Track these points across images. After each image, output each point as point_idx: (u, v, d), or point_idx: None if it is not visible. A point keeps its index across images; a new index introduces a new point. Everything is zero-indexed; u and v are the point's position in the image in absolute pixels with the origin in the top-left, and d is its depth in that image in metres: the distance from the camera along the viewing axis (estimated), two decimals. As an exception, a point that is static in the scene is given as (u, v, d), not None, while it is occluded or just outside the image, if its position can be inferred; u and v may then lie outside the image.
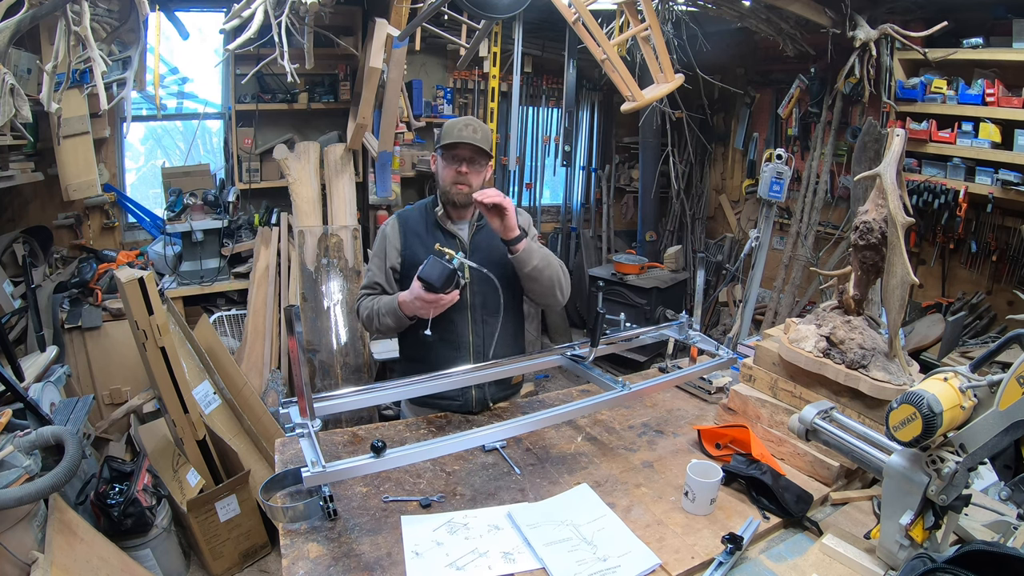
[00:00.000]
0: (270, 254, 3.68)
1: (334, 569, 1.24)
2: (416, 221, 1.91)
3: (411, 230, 1.90)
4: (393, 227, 1.92)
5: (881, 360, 1.51)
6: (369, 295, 1.92)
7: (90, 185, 3.26)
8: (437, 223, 1.87)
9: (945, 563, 1.00)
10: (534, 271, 1.78)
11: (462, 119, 1.83)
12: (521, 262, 1.77)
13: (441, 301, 1.69)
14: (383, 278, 1.91)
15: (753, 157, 5.14)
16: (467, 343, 1.86)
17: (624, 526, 1.37)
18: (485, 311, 1.86)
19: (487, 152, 1.82)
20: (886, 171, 1.46)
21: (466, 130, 1.79)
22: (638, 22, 2.40)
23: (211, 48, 4.10)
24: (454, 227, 1.88)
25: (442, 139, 1.83)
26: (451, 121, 1.84)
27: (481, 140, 1.79)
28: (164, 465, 2.70)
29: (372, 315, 1.86)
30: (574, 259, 5.50)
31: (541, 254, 1.81)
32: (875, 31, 3.50)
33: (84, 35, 2.10)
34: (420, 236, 1.88)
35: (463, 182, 1.81)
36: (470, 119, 1.83)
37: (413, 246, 1.87)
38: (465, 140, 1.77)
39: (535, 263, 1.77)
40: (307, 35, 2.94)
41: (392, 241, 1.90)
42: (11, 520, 1.72)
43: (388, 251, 1.90)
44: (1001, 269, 3.60)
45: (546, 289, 1.83)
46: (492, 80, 4.65)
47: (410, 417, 1.93)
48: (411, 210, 1.98)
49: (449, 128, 1.82)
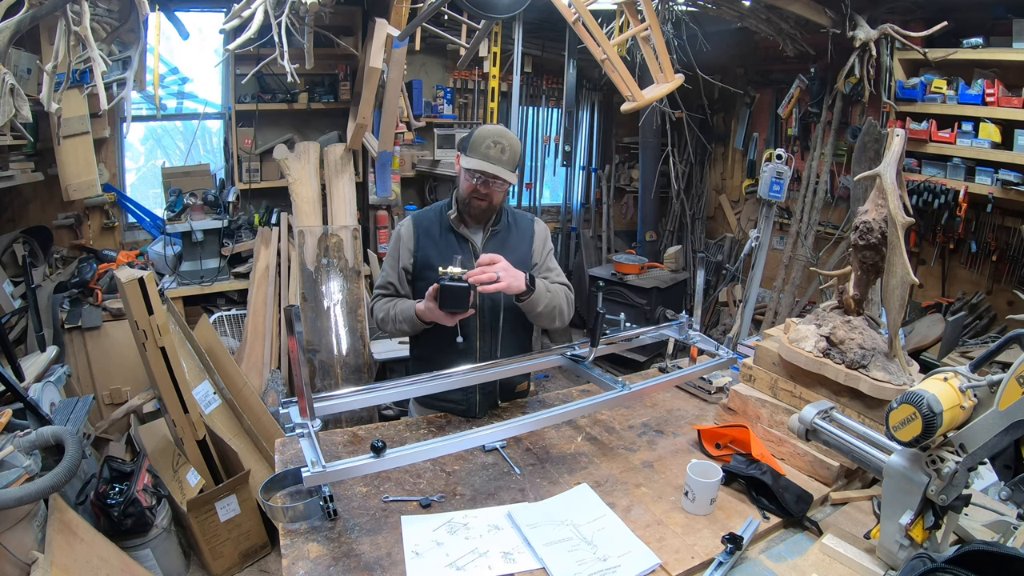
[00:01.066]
0: (270, 254, 3.68)
1: (334, 569, 1.24)
2: (431, 223, 1.90)
3: (425, 232, 1.89)
4: (407, 228, 1.91)
5: (881, 360, 1.50)
6: (383, 295, 1.93)
7: (90, 185, 3.26)
8: (451, 227, 1.87)
9: (945, 563, 1.00)
10: (537, 315, 1.82)
11: (493, 131, 1.74)
12: (525, 308, 1.80)
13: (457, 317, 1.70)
14: (396, 278, 1.91)
15: (753, 157, 5.14)
16: (474, 347, 1.87)
17: (624, 526, 1.37)
18: (493, 315, 1.86)
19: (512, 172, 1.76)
20: (886, 171, 1.46)
21: (494, 149, 1.71)
22: (638, 22, 2.40)
23: (211, 48, 4.10)
24: (467, 231, 1.87)
25: (469, 151, 1.74)
26: (482, 131, 1.75)
27: (507, 162, 1.73)
28: (164, 465, 2.70)
29: (388, 318, 1.86)
30: (574, 259, 5.50)
31: (547, 299, 1.80)
32: (875, 31, 3.50)
33: (84, 35, 2.10)
34: (434, 238, 1.87)
35: (482, 199, 1.79)
36: (501, 132, 1.74)
37: (426, 248, 1.87)
38: (489, 169, 1.71)
39: (539, 309, 1.80)
40: (307, 35, 2.94)
41: (406, 242, 1.90)
42: (11, 520, 1.72)
43: (401, 252, 1.90)
44: (1001, 269, 3.60)
45: (545, 321, 1.86)
46: (492, 80, 4.65)
47: (416, 416, 1.94)
48: (427, 211, 1.97)
49: (478, 140, 1.73)
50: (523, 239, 1.92)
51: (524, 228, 1.94)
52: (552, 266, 1.96)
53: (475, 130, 1.79)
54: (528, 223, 1.97)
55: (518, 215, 1.98)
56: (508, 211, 1.95)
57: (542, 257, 1.95)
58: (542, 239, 1.96)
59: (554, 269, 1.95)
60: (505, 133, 1.75)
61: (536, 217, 2.02)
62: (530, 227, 1.95)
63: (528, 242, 1.93)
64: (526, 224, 1.96)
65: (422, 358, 1.93)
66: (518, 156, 1.78)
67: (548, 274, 1.92)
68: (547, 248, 1.97)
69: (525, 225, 1.95)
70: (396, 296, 1.92)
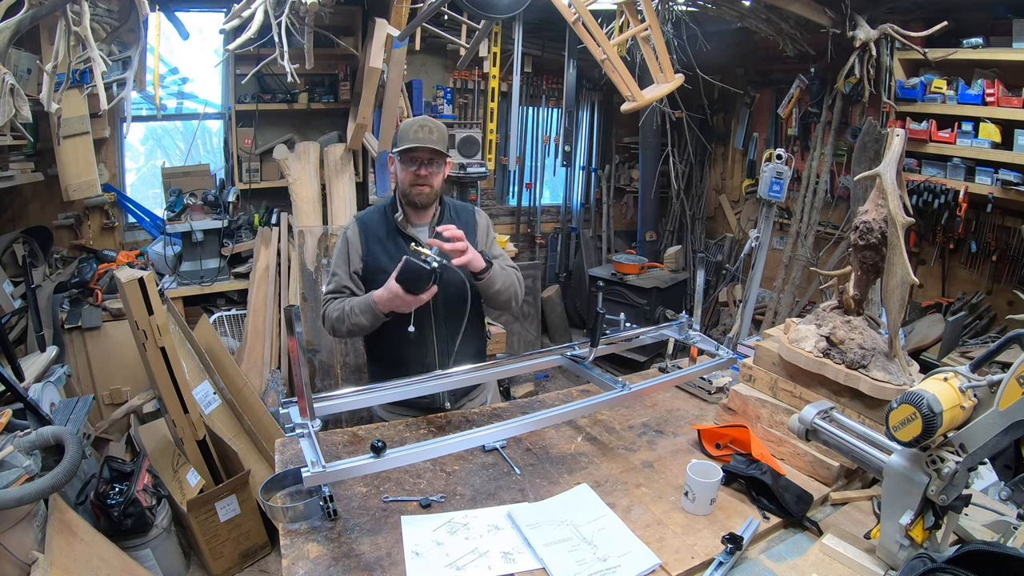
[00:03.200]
0: (270, 254, 3.68)
1: (334, 569, 1.24)
2: (377, 226, 1.91)
3: (372, 235, 1.90)
4: (354, 231, 1.92)
5: (881, 360, 1.50)
6: (335, 299, 1.89)
7: (90, 185, 3.26)
8: (398, 229, 1.89)
9: (945, 563, 1.00)
10: (495, 293, 1.86)
11: (416, 120, 1.83)
12: (483, 288, 1.84)
13: (420, 300, 1.68)
14: (351, 282, 1.90)
15: (753, 157, 5.14)
16: (431, 341, 1.88)
17: (624, 526, 1.37)
18: (447, 310, 1.87)
19: (444, 152, 1.84)
20: (886, 171, 1.45)
21: (421, 131, 1.79)
22: (638, 22, 2.40)
23: (211, 48, 4.10)
24: (414, 231, 1.90)
25: (398, 142, 1.82)
26: (406, 123, 1.84)
27: (437, 141, 1.80)
28: (164, 465, 2.70)
29: (343, 316, 1.82)
30: (574, 259, 5.50)
31: (503, 277, 1.85)
32: (875, 31, 3.50)
33: (84, 35, 2.10)
34: (382, 241, 1.89)
35: (423, 183, 1.84)
36: (425, 119, 1.84)
37: (375, 252, 1.89)
38: (422, 144, 1.78)
39: (496, 287, 1.84)
40: (307, 35, 2.94)
41: (354, 246, 1.91)
42: (11, 520, 1.72)
43: (351, 256, 1.91)
44: (1001, 269, 3.60)
45: (502, 304, 1.91)
46: (492, 80, 4.65)
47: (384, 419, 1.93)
48: (371, 213, 1.98)
49: (404, 131, 1.82)
50: (467, 230, 1.90)
51: (467, 220, 1.97)
52: (497, 252, 2.00)
53: (400, 126, 1.87)
54: (469, 214, 2.01)
55: (459, 207, 2.01)
56: (449, 205, 1.99)
57: (486, 245, 1.99)
58: (484, 228, 2.01)
59: (499, 255, 1.99)
60: (429, 119, 1.85)
61: (477, 208, 2.06)
62: (472, 218, 2.00)
63: (472, 232, 1.96)
64: (468, 216, 2.00)
65: (380, 359, 1.96)
66: (446, 138, 1.86)
67: (496, 260, 1.93)
68: (490, 236, 2.03)
69: (467, 217, 1.99)
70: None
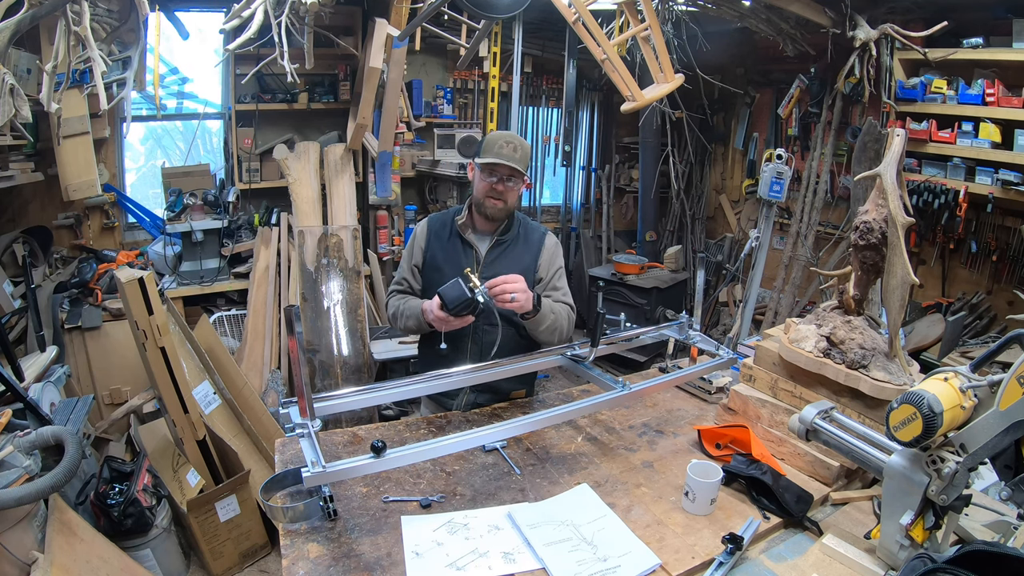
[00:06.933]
0: (270, 254, 3.68)
1: (334, 569, 1.24)
2: (442, 226, 1.97)
3: (435, 234, 1.97)
4: (422, 228, 2.01)
5: (881, 360, 1.50)
6: (398, 291, 2.00)
7: (90, 185, 3.26)
8: (458, 232, 1.91)
9: (945, 563, 1.00)
10: (538, 332, 1.84)
11: (504, 135, 1.85)
12: (528, 326, 1.83)
13: (451, 322, 1.69)
14: (410, 275, 1.99)
15: (753, 157, 5.14)
16: (465, 355, 1.88)
17: (624, 526, 1.37)
18: (485, 340, 1.86)
19: (524, 172, 1.84)
20: (886, 171, 1.46)
21: (506, 148, 1.80)
22: (638, 22, 2.40)
23: (211, 48, 4.09)
24: (473, 237, 1.91)
25: (482, 153, 1.84)
26: (493, 135, 1.86)
27: (519, 160, 1.82)
28: (164, 465, 2.70)
29: (398, 313, 1.93)
30: (574, 259, 5.50)
31: (550, 320, 1.82)
32: (875, 31, 3.50)
33: (84, 35, 2.10)
34: (442, 241, 1.94)
35: (498, 198, 1.85)
36: (512, 135, 1.86)
37: (434, 249, 1.95)
38: (504, 160, 1.79)
39: (541, 328, 1.82)
40: (307, 35, 2.94)
41: (419, 241, 1.99)
42: (11, 520, 1.72)
43: (415, 250, 1.99)
44: (1001, 269, 3.60)
45: (543, 340, 1.87)
46: (492, 80, 4.64)
47: (428, 414, 1.97)
48: (441, 215, 2.04)
49: (490, 143, 1.83)
50: (529, 251, 1.93)
51: (534, 241, 1.96)
52: (559, 285, 1.96)
53: (487, 136, 1.89)
54: (539, 236, 1.98)
55: (531, 227, 1.99)
56: (521, 221, 1.98)
57: (548, 273, 1.95)
58: (550, 254, 1.96)
59: (560, 288, 1.95)
60: (516, 136, 1.87)
61: (548, 231, 2.02)
62: (540, 240, 1.97)
63: (534, 255, 1.94)
64: (536, 237, 1.97)
65: (424, 361, 1.98)
66: (528, 157, 1.86)
67: (553, 292, 1.92)
68: (555, 265, 1.97)
69: (535, 238, 1.96)
70: (410, 292, 1.99)
